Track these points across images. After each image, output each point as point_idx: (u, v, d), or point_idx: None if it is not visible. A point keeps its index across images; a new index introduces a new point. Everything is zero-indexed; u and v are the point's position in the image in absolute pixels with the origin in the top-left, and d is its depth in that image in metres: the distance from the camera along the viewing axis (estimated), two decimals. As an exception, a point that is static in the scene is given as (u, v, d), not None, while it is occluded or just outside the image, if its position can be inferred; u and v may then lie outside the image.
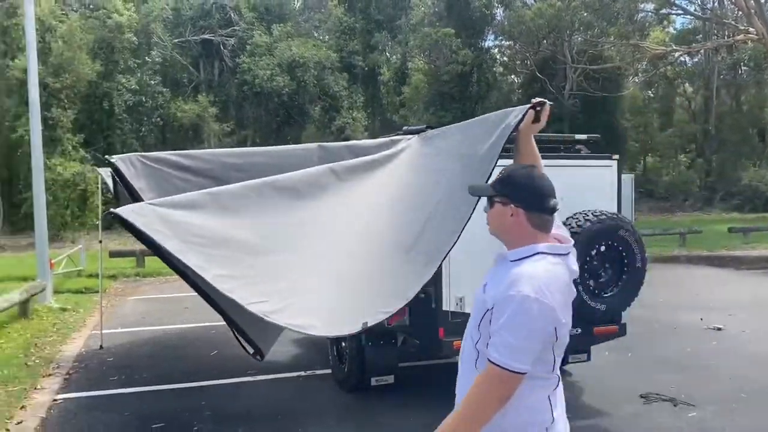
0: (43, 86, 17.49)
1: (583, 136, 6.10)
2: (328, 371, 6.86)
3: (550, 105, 2.57)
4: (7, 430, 5.48)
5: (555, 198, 2.16)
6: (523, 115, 2.59)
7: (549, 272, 2.05)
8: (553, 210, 2.16)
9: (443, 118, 27.18)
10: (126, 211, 3.80)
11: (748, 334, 8.61)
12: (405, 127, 5.80)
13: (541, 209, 2.13)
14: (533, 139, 2.57)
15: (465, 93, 29.17)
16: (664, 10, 29.71)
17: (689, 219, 28.50)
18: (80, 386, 6.67)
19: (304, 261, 4.27)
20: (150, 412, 5.88)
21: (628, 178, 6.05)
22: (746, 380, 6.56)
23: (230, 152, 5.81)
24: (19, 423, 5.60)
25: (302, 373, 7.04)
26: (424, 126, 5.43)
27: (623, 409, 5.82)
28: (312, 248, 4.36)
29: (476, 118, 4.53)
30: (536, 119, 2.57)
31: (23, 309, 9.77)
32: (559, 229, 2.25)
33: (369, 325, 4.11)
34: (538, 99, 2.56)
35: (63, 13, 27.43)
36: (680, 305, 10.61)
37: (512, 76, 37.60)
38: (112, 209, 3.85)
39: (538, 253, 2.10)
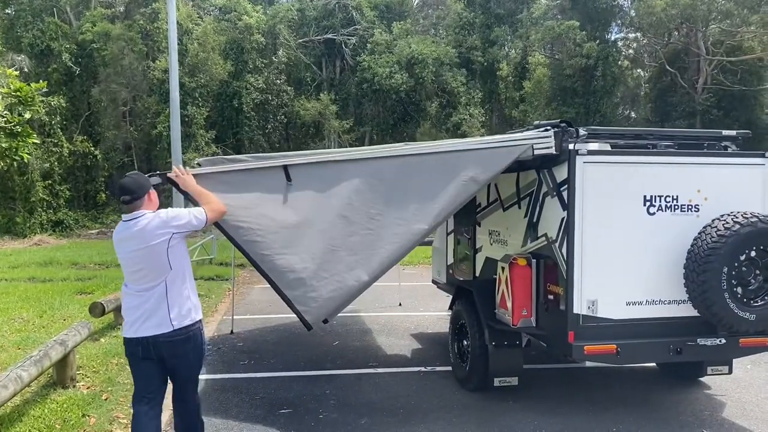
0: (180, 85, 18.68)
1: (732, 132, 5.66)
2: (448, 368, 6.83)
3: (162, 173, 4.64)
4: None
5: (123, 196, 4.04)
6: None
7: (119, 226, 4.11)
8: (123, 203, 4.06)
9: (566, 113, 26.31)
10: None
11: None
12: (536, 122, 5.65)
13: (119, 201, 4.15)
14: (190, 186, 4.58)
15: (589, 88, 28.02)
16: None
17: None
18: (214, 368, 7.06)
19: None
20: (277, 397, 6.11)
21: (782, 178, 5.53)
22: None
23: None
24: (161, 399, 6.00)
25: (422, 369, 7.06)
26: (558, 120, 5.25)
27: (771, 429, 5.37)
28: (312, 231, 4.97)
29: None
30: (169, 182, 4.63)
31: (162, 293, 10.46)
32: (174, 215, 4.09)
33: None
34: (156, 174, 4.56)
35: (198, 17, 29.17)
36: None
37: (639, 70, 35.74)
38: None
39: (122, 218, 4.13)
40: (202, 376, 6.09)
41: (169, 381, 4.26)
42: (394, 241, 5.01)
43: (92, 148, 28.01)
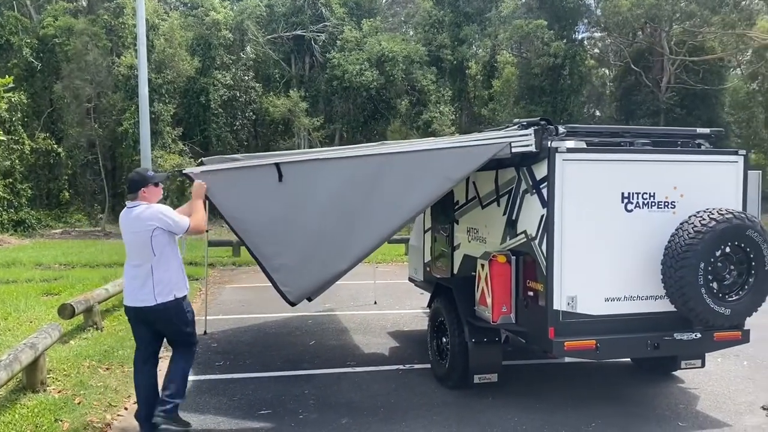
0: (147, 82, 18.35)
1: (706, 130, 5.76)
2: (427, 366, 6.82)
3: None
4: (126, 408, 5.77)
5: (127, 188, 5.01)
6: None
7: (123, 211, 4.99)
8: (128, 192, 5.01)
9: (533, 112, 26.57)
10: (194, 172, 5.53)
11: None
12: (515, 120, 5.68)
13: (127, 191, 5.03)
14: (197, 194, 5.24)
15: (556, 86, 28.37)
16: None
17: (799, 220, 26.65)
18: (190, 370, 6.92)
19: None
20: (256, 398, 6.03)
21: (755, 175, 5.67)
22: None
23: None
24: (136, 402, 5.86)
25: (401, 367, 7.04)
26: (538, 118, 5.29)
27: (744, 421, 5.48)
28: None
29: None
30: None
31: (132, 293, 10.27)
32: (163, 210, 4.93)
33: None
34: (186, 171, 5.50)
35: (165, 12, 28.67)
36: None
37: (604, 69, 36.31)
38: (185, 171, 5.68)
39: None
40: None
41: (164, 342, 5.25)
42: (370, 235, 5.40)
43: (55, 146, 27.28)
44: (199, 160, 5.58)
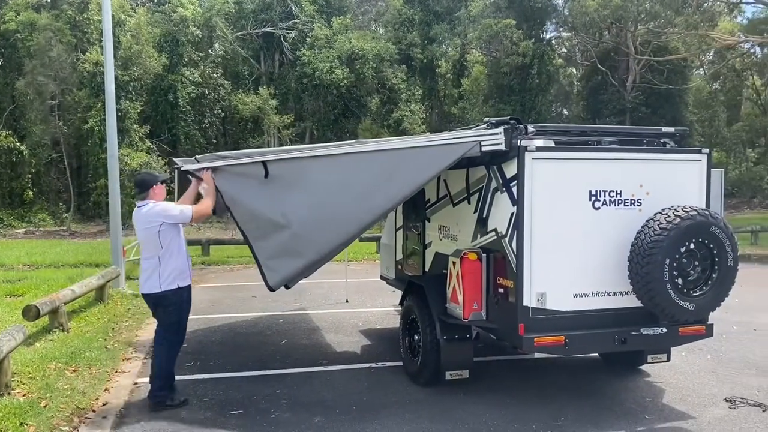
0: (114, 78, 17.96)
1: (671, 129, 5.88)
2: (399, 364, 6.84)
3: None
4: (94, 410, 5.67)
5: (137, 189, 5.70)
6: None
7: (135, 210, 5.67)
8: (136, 193, 5.73)
9: (502, 111, 26.82)
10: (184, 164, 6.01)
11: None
12: (486, 119, 5.73)
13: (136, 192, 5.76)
14: (209, 182, 5.65)
15: (525, 85, 28.68)
16: (736, -1, 28.53)
17: (758, 216, 27.36)
18: (159, 371, 6.83)
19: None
20: (227, 398, 5.99)
21: (717, 173, 5.81)
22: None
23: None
24: (104, 405, 5.79)
25: (373, 365, 7.05)
26: (508, 117, 5.34)
27: (708, 413, 5.61)
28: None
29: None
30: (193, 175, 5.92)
31: (100, 294, 10.12)
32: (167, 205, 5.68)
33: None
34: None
35: (131, 8, 28.20)
36: (756, 306, 10.18)
37: (572, 69, 36.80)
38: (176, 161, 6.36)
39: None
40: (144, 379, 5.89)
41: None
42: (345, 228, 5.63)
43: (18, 144, 26.69)
44: (194, 158, 6.07)
